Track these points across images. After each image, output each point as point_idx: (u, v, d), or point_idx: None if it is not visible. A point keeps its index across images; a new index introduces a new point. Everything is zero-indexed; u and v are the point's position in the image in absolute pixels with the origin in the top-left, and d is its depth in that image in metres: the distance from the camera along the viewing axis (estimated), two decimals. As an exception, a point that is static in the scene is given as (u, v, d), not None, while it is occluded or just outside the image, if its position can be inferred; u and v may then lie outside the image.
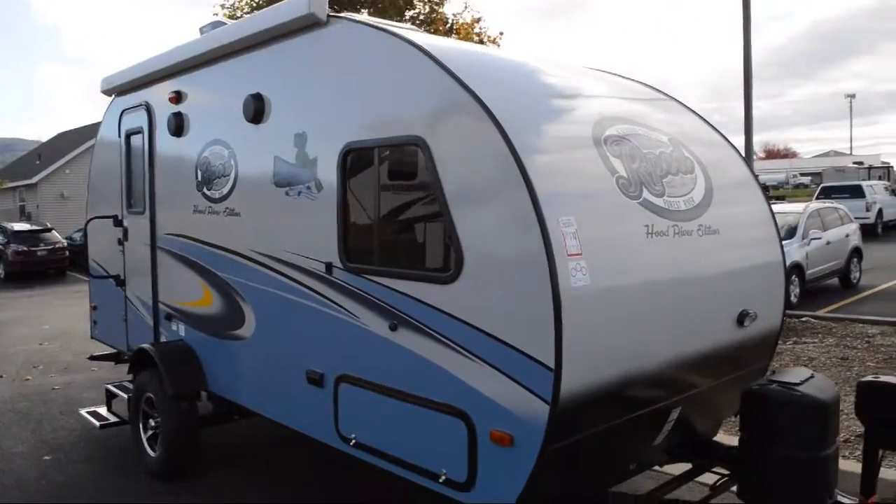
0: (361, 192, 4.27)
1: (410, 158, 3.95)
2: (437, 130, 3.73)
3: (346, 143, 4.22)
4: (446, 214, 3.63)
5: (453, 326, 3.64)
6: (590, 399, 3.45)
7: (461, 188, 3.62)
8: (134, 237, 6.62)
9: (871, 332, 10.25)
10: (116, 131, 6.84)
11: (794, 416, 3.66)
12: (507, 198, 3.44)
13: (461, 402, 3.61)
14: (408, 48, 3.93)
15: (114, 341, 7.25)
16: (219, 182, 5.40)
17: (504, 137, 3.42)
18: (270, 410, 5.04)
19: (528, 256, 3.32)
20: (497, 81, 3.97)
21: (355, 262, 4.23)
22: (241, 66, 5.22)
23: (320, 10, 4.38)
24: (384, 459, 4.09)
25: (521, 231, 3.36)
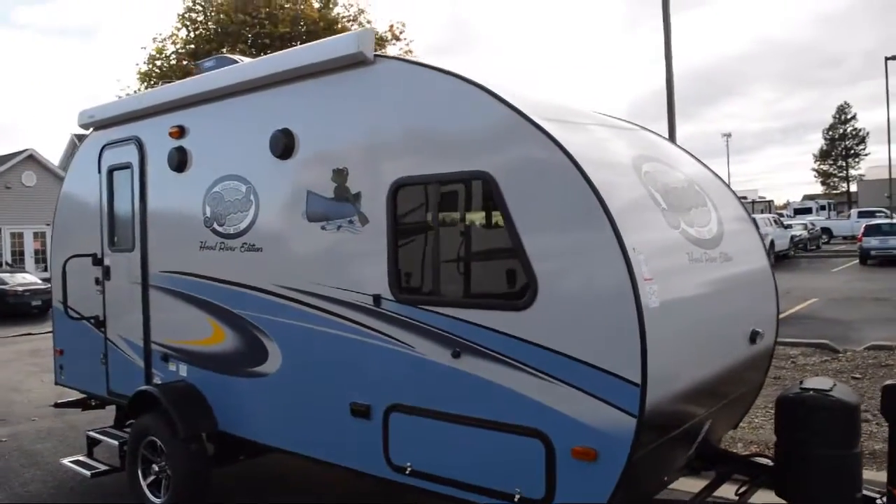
0: (415, 225, 4.44)
1: (473, 192, 4.16)
2: (506, 166, 3.94)
3: (398, 178, 4.36)
4: (518, 246, 3.84)
5: (526, 350, 3.82)
6: (662, 412, 3.73)
7: (535, 221, 3.84)
8: (118, 276, 6.42)
9: (793, 353, 11.12)
10: (96, 167, 6.63)
11: (830, 419, 4.09)
12: (587, 230, 3.69)
13: (537, 422, 3.80)
14: (469, 87, 4.12)
15: (87, 386, 6.93)
16: (234, 218, 5.38)
17: (583, 174, 3.68)
18: (301, 446, 5.01)
19: (612, 283, 3.58)
20: (559, 122, 4.23)
21: (409, 294, 4.36)
22: (264, 101, 5.24)
23: (368, 50, 4.52)
24: (446, 485, 4.19)
25: (603, 260, 3.62)
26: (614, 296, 3.57)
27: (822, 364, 10.49)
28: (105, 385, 6.61)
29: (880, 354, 10.78)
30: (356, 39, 4.52)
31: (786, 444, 4.30)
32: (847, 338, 12.57)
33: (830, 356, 10.96)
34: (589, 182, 3.66)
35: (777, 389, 9.21)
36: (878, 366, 10.06)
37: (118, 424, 6.74)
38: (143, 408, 5.80)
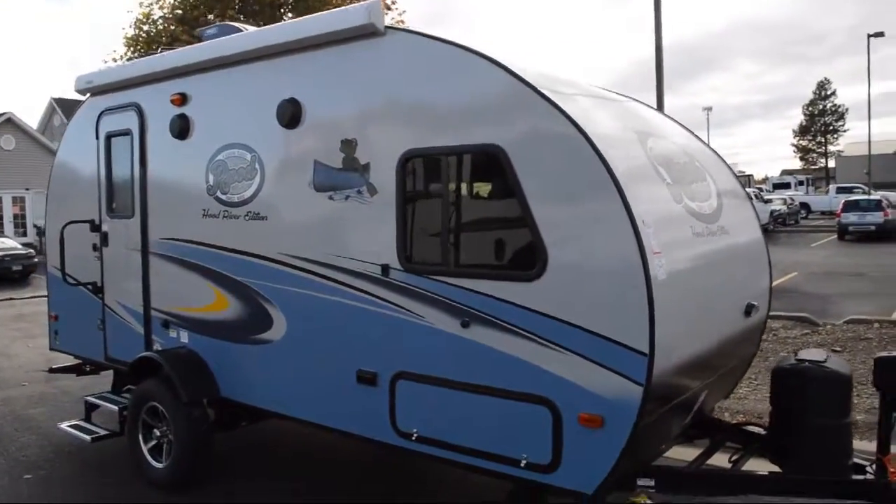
0: (425, 196, 4.51)
1: (483, 164, 4.21)
2: (517, 139, 4.01)
3: (407, 150, 4.42)
4: (528, 217, 3.92)
5: (535, 321, 3.92)
6: (666, 382, 3.84)
7: (545, 193, 3.91)
8: (117, 242, 6.41)
9: (774, 326, 11.35)
10: (93, 133, 6.58)
11: (825, 389, 4.24)
12: (598, 203, 3.77)
13: (545, 390, 3.90)
14: (480, 60, 4.16)
15: (84, 352, 6.95)
16: (238, 186, 5.39)
17: (593, 147, 3.75)
18: (305, 412, 5.09)
19: (622, 255, 3.67)
20: (566, 96, 4.28)
21: (417, 264, 4.43)
22: (270, 70, 5.23)
23: (378, 21, 4.53)
24: (452, 451, 4.30)
25: (613, 233, 3.71)
26: (624, 268, 3.66)
27: (803, 337, 10.72)
28: (103, 351, 6.63)
29: (859, 328, 11.02)
30: (366, 11, 4.53)
31: (781, 413, 4.46)
32: (826, 311, 12.84)
33: (810, 329, 11.19)
34: (599, 155, 3.74)
35: (759, 361, 9.45)
36: (857, 339, 10.29)
37: (115, 390, 6.80)
38: (144, 373, 5.85)
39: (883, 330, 10.90)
